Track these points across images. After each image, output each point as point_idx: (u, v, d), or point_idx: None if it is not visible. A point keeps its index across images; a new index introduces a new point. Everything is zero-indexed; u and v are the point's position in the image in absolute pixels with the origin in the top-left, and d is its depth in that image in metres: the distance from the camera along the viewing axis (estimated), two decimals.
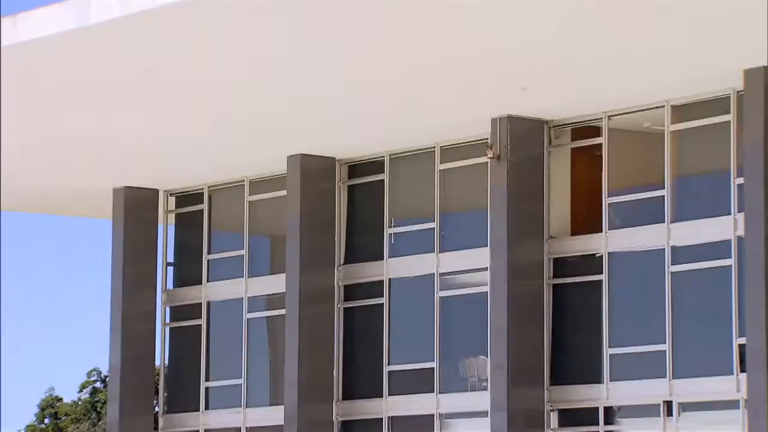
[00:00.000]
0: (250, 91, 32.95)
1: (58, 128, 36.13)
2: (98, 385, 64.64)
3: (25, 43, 30.11)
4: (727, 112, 30.63)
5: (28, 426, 68.70)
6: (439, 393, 34.85)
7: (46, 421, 68.87)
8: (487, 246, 33.54)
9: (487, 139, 33.30)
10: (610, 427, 32.49)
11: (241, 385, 38.62)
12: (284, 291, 37.00)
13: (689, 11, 27.11)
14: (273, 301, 38.07)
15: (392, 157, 36.56)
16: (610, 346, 32.28)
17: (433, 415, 34.94)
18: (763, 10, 26.97)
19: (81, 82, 32.95)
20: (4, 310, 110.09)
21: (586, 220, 33.51)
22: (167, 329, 40.90)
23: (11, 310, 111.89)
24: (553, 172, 33.77)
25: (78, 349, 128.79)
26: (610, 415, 32.44)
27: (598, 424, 32.45)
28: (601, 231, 32.77)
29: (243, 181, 39.33)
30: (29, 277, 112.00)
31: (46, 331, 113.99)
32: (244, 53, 30.63)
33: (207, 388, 39.39)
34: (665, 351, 31.27)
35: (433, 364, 35.04)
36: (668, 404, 31.25)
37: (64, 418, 67.78)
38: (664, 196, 31.75)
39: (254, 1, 27.39)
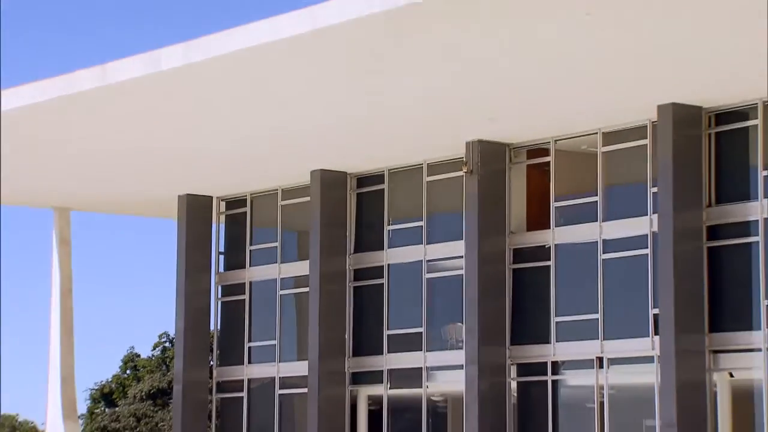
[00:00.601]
0: (284, 122, 33.00)
1: (136, 150, 36.23)
2: (167, 344, 64.43)
3: (112, 84, 30.24)
4: (645, 137, 30.86)
5: (114, 375, 68.53)
6: (426, 351, 34.92)
7: (128, 372, 68.82)
8: (462, 239, 33.62)
9: (463, 158, 33.39)
10: (555, 377, 32.52)
11: (275, 344, 38.48)
12: (308, 273, 36.94)
13: (614, 62, 27.53)
14: (299, 281, 37.89)
15: (390, 171, 36.47)
16: (556, 315, 32.40)
17: (421, 368, 35.02)
18: (670, 60, 27.47)
19: (156, 114, 33.20)
20: (98, 289, 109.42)
21: (537, 219, 33.46)
22: (219, 303, 40.77)
23: (102, 289, 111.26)
24: (512, 183, 33.75)
25: (151, 318, 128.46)
26: (556, 367, 32.52)
27: (546, 374, 32.57)
28: (549, 228, 32.84)
29: (276, 189, 38.99)
30: (116, 264, 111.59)
31: (128, 304, 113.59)
32: (279, 95, 30.72)
33: (249, 347, 39.26)
34: (598, 318, 31.47)
35: (422, 329, 35.10)
36: (600, 359, 31.40)
37: (141, 369, 67.60)
38: (597, 201, 31.91)
39: (288, 54, 27.82)
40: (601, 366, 31.50)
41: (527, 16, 25.27)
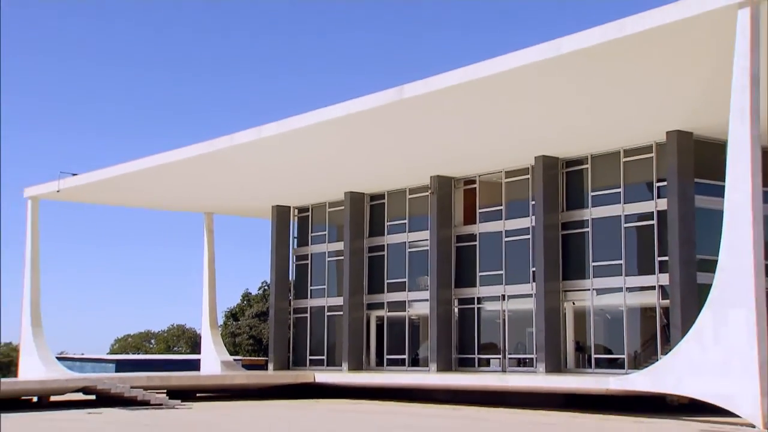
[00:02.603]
0: (326, 161, 32.99)
1: (247, 184, 36.16)
2: (266, 287, 63.50)
3: (237, 145, 30.45)
4: (527, 174, 31.22)
5: (236, 304, 67.06)
6: (408, 291, 35.02)
7: (245, 302, 67.97)
8: (428, 230, 33.75)
9: (428, 185, 33.67)
10: (479, 306, 32.68)
11: (325, 287, 38.20)
12: (343, 249, 36.68)
13: (509, 136, 27.97)
14: (338, 253, 37.40)
15: (389, 192, 36.21)
16: (480, 271, 32.63)
17: (405, 301, 35.17)
18: (539, 133, 27.83)
19: (263, 168, 33.51)
20: (228, 257, 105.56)
21: (470, 218, 33.41)
22: (294, 265, 39.76)
23: (230, 257, 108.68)
24: (455, 198, 33.76)
25: (257, 272, 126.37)
26: (480, 301, 32.66)
27: (474, 304, 32.81)
28: (476, 223, 33.00)
29: (325, 202, 38.48)
30: (237, 244, 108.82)
31: (244, 264, 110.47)
32: (326, 149, 30.85)
33: (311, 289, 38.82)
34: (502, 273, 31.76)
35: (405, 279, 35.20)
36: (503, 296, 31.73)
37: (251, 300, 66.83)
38: (501, 209, 32.19)
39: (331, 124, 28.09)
40: (504, 299, 31.92)
41: (462, 112, 26.18)
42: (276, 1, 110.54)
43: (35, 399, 27.14)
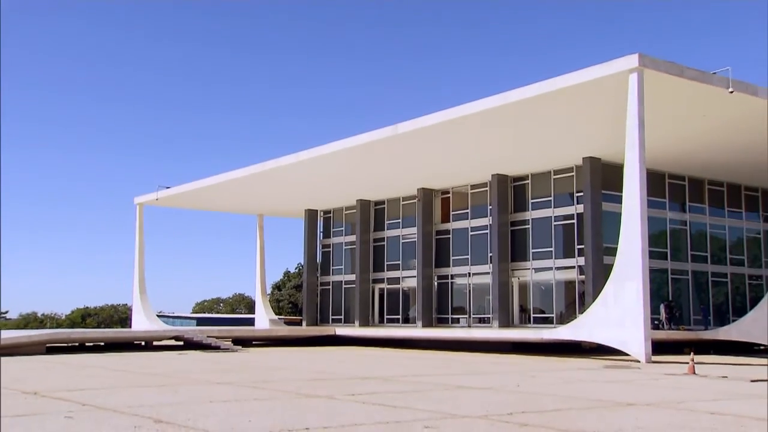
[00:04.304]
0: (347, 181, 32.89)
1: (289, 194, 36.03)
2: (300, 267, 63.09)
3: (281, 166, 30.39)
4: (487, 186, 31.28)
5: (280, 279, 66.74)
6: (402, 270, 35.15)
7: (285, 277, 67.71)
8: (415, 227, 34.03)
9: (416, 194, 33.95)
10: (452, 281, 32.84)
11: (342, 267, 38.14)
12: (355, 240, 36.76)
13: (471, 159, 28.07)
14: (351, 243, 37.37)
15: (387, 200, 36.12)
16: (452, 256, 32.78)
17: (399, 277, 35.29)
18: (494, 158, 27.95)
19: (301, 183, 32.94)
20: (275, 246, 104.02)
21: (446, 218, 33.44)
22: (320, 252, 39.56)
23: (276, 246, 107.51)
24: (435, 204, 33.85)
25: (293, 257, 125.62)
26: (453, 277, 32.80)
27: (448, 279, 33.03)
28: (450, 222, 33.11)
29: (342, 207, 38.21)
30: (279, 237, 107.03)
31: (284, 251, 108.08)
32: (344, 173, 30.59)
33: (332, 268, 38.80)
34: (468, 257, 31.96)
35: (399, 262, 35.34)
36: (469, 273, 31.93)
37: (290, 276, 66.68)
38: (468, 211, 32.35)
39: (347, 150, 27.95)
40: (469, 276, 32.20)
41: (442, 143, 26.13)
42: (311, 60, 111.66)
43: (143, 343, 28.03)
